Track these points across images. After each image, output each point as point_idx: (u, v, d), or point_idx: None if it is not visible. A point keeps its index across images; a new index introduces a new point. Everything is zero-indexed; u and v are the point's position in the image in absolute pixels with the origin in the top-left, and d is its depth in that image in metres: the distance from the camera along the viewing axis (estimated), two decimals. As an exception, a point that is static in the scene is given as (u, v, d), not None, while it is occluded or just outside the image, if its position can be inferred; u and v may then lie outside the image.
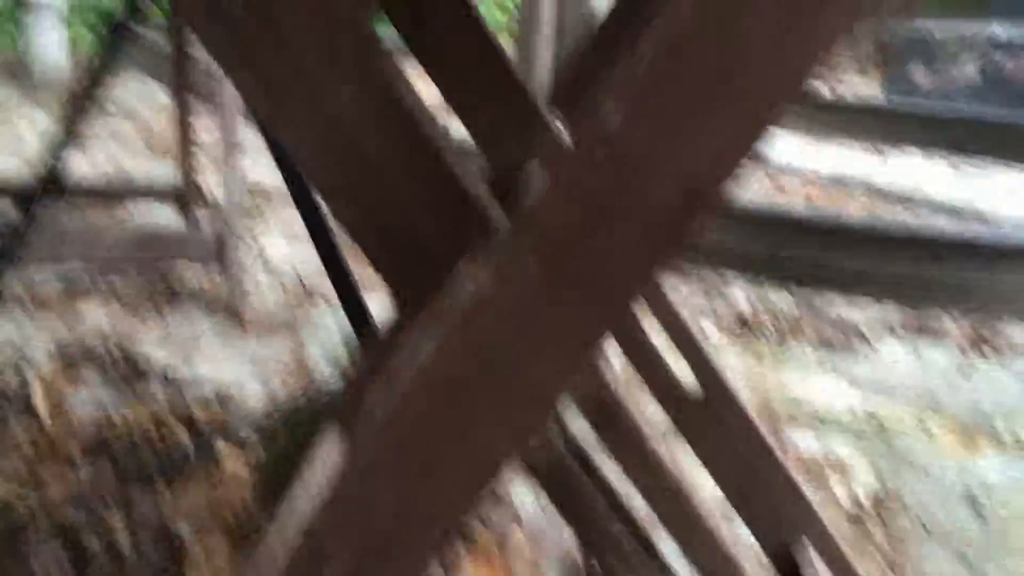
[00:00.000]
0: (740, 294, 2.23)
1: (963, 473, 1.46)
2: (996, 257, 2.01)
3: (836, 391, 1.74)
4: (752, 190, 3.15)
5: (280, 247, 2.15)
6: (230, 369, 1.53)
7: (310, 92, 0.52)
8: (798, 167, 3.41)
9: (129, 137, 3.39)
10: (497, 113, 0.88)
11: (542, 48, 1.38)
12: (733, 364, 1.81)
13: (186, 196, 1.98)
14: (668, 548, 0.65)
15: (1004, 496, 1.39)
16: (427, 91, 0.64)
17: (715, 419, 1.08)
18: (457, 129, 0.80)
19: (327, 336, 1.68)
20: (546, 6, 1.38)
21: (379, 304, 1.70)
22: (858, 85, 5.25)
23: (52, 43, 4.37)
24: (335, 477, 0.49)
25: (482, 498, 0.50)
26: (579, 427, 1.38)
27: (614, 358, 0.75)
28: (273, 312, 1.76)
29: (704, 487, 0.61)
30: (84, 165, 2.83)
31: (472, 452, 0.48)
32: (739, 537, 0.60)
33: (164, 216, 2.12)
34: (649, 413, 0.60)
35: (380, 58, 0.52)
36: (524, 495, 1.30)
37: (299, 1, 0.51)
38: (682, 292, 2.16)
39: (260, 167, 2.87)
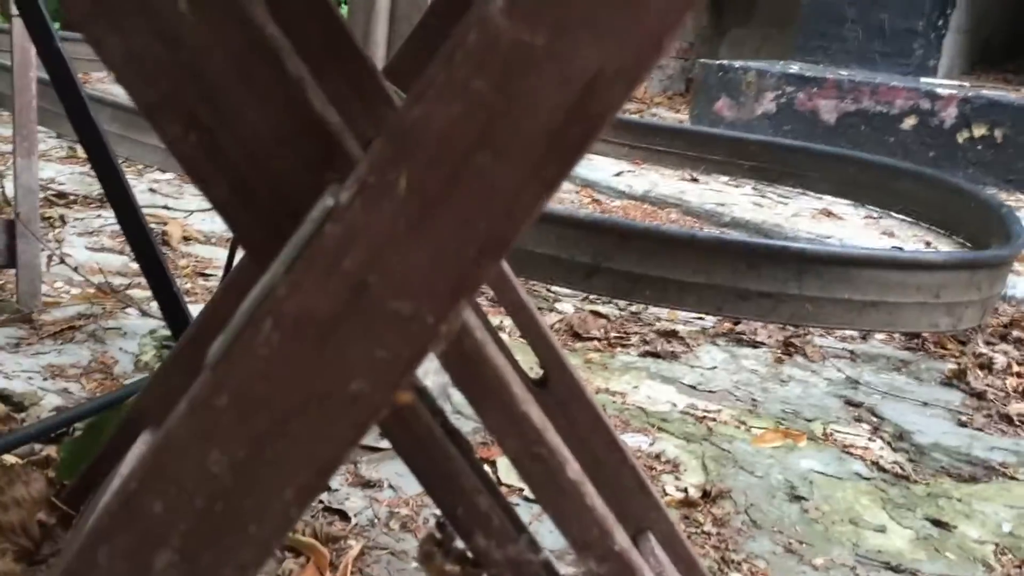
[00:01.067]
0: (569, 307, 2.24)
1: (785, 470, 1.50)
2: (802, 269, 2.11)
3: (664, 396, 1.76)
4: (571, 203, 3.20)
5: (80, 251, 1.98)
6: (22, 378, 1.37)
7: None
8: (614, 186, 3.51)
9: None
10: (340, 89, 0.82)
11: (378, 31, 1.33)
12: (564, 370, 1.80)
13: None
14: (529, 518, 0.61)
15: (825, 491, 1.44)
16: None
17: (561, 409, 1.06)
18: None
19: (131, 340, 1.55)
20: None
21: (194, 310, 1.57)
22: (667, 117, 5.48)
23: None
24: (162, 433, 0.42)
25: (340, 460, 0.44)
26: (438, 383, 1.32)
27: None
28: (71, 317, 1.60)
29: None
30: None
31: (335, 400, 0.42)
32: (605, 506, 0.56)
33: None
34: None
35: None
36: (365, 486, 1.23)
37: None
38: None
39: (59, 174, 2.66)
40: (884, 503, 1.42)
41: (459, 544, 0.55)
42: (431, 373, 1.31)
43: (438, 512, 0.55)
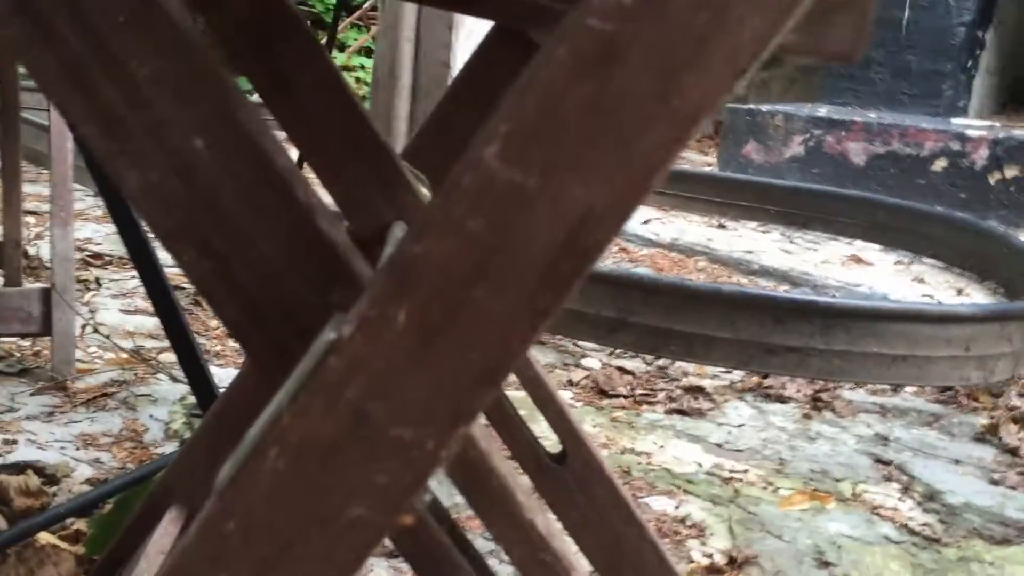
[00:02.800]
0: (595, 363, 2.24)
1: (813, 533, 1.48)
2: (830, 323, 2.10)
3: (690, 456, 1.76)
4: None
5: (114, 314, 2.02)
6: (55, 448, 1.40)
7: (159, 136, 0.48)
8: (641, 234, 3.52)
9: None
10: (359, 174, 0.85)
11: (400, 107, 1.36)
12: (591, 432, 1.81)
13: (10, 260, 1.83)
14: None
15: (853, 555, 1.42)
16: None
17: (579, 485, 1.06)
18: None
19: (162, 407, 1.57)
20: (404, 64, 1.36)
21: (222, 374, 1.61)
22: (696, 161, 5.50)
23: None
24: (173, 557, 0.43)
25: (349, 567, 0.45)
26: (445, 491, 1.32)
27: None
28: (104, 384, 1.63)
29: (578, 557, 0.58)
30: None
31: (337, 526, 0.43)
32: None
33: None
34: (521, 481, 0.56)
35: (241, 108, 0.48)
36: None
37: (149, 40, 0.47)
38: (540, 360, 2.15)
39: (95, 234, 2.72)
40: (914, 568, 1.40)
41: (467, 649, 0.55)
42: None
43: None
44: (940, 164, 4.34)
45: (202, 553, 0.44)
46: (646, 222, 3.75)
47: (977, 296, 3.00)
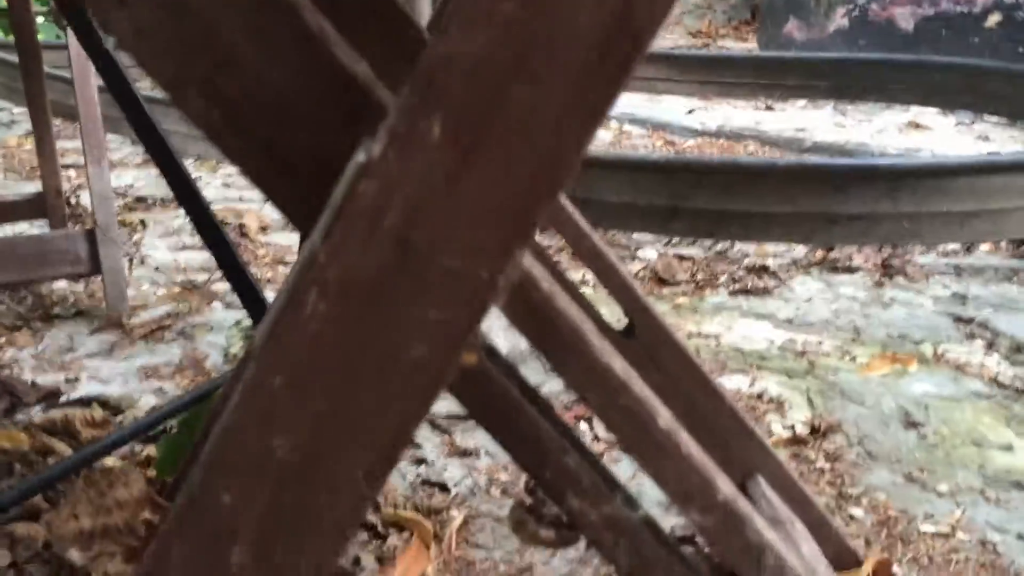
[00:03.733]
0: (652, 253, 2.18)
1: (897, 396, 1.43)
2: (895, 186, 2.00)
3: (760, 333, 1.70)
4: (644, 148, 3.12)
5: (162, 252, 2.00)
6: (118, 382, 1.40)
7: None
8: (687, 125, 3.41)
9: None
10: (386, 49, 0.79)
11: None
12: (654, 317, 1.76)
13: (53, 209, 1.82)
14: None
15: (942, 414, 1.37)
16: None
17: (651, 357, 1.02)
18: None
19: (219, 334, 1.56)
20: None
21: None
22: (735, 48, 5.31)
23: None
24: (221, 425, 0.40)
25: (409, 433, 0.41)
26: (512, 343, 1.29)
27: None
28: (160, 317, 1.62)
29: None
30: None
31: (394, 369, 0.39)
32: (704, 454, 0.53)
33: (32, 233, 1.96)
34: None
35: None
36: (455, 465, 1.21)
37: None
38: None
39: (137, 180, 2.71)
40: (1008, 420, 1.34)
41: (552, 508, 0.52)
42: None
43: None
44: (994, 19, 4.11)
45: (251, 414, 0.40)
46: (690, 112, 3.63)
47: (1046, 148, 2.86)
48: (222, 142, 0.45)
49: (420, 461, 1.24)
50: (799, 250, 2.16)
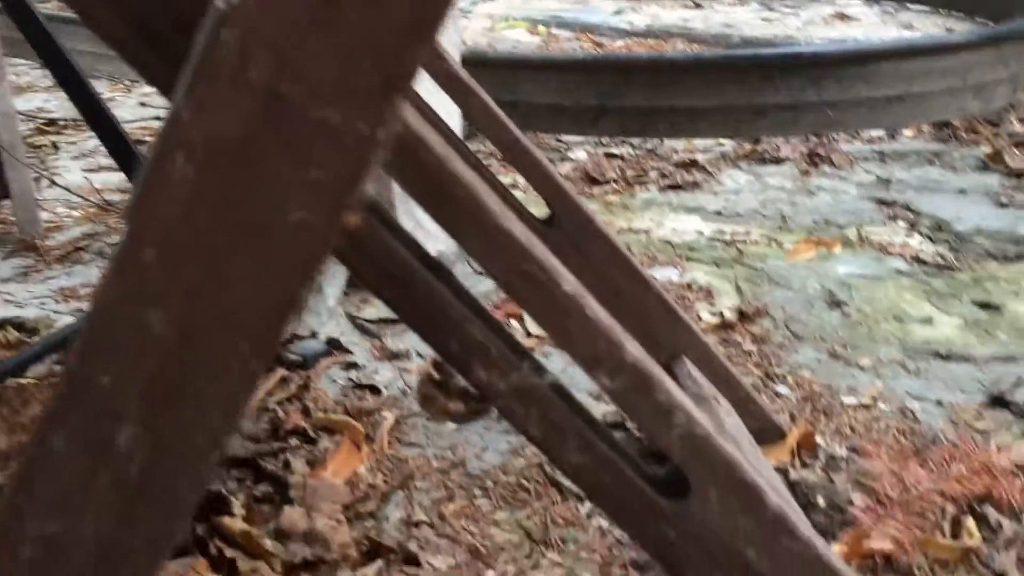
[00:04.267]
0: (582, 153, 2.16)
1: (823, 278, 1.45)
2: (820, 74, 2.00)
3: (689, 226, 1.71)
4: (571, 49, 3.07)
5: (76, 175, 1.93)
6: (34, 305, 1.35)
7: None
8: (615, 25, 3.36)
9: None
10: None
11: None
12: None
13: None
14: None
15: (865, 293, 1.39)
16: None
17: (573, 245, 1.01)
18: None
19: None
20: None
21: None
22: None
23: None
24: (93, 301, 0.37)
25: (294, 302, 0.39)
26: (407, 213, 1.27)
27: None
28: (76, 239, 1.57)
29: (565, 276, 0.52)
30: None
31: (274, 235, 0.37)
32: (612, 319, 0.52)
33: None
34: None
35: None
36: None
37: None
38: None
39: (46, 103, 2.59)
40: (928, 295, 1.37)
41: (459, 380, 0.51)
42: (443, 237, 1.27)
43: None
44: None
45: (123, 289, 0.38)
46: (617, 12, 3.58)
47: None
48: (88, 13, 0.42)
49: (351, 366, 1.23)
50: (727, 144, 2.16)
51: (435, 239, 1.26)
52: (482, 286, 1.35)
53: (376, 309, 1.37)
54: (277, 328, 0.39)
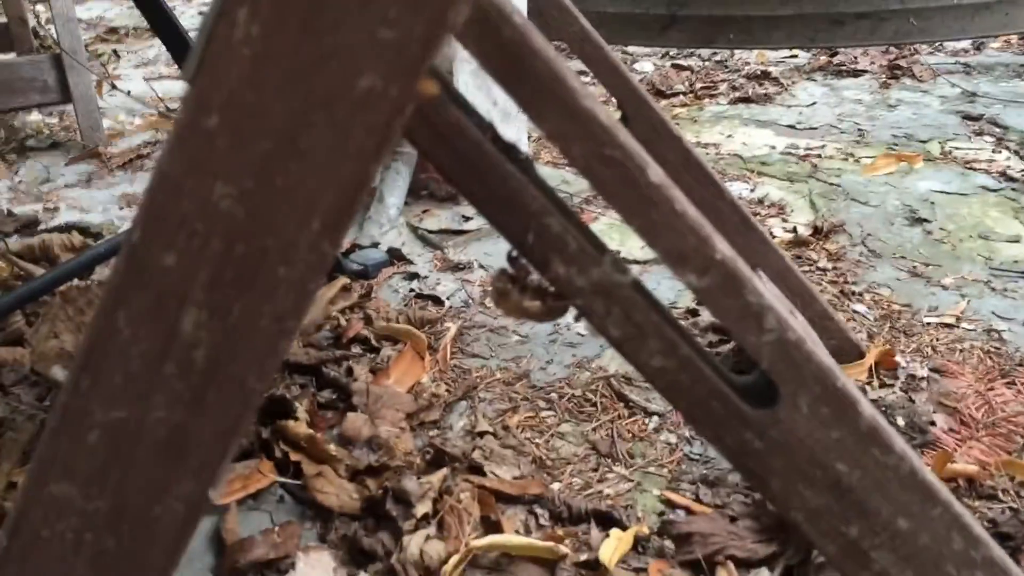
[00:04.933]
0: (649, 65, 2.09)
1: (903, 195, 1.38)
2: (904, -18, 1.89)
3: (761, 140, 1.64)
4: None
5: (138, 83, 1.92)
6: (98, 211, 1.35)
7: None
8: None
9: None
10: None
11: None
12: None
13: (18, 39, 1.73)
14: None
15: (948, 209, 1.33)
16: None
17: (646, 147, 0.96)
18: None
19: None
20: None
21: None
22: None
23: None
24: (158, 164, 0.35)
25: (366, 177, 0.37)
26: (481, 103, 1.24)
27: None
28: (138, 146, 1.56)
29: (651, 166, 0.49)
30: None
31: (345, 102, 0.34)
32: (699, 213, 0.48)
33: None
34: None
35: None
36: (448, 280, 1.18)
37: None
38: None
39: (107, 12, 2.58)
40: (1016, 212, 1.30)
41: (535, 276, 0.48)
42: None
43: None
44: None
45: (186, 161, 0.35)
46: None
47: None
48: None
49: (412, 276, 1.21)
50: (802, 56, 2.07)
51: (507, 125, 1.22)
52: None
53: (437, 220, 1.35)
54: (350, 207, 0.36)
